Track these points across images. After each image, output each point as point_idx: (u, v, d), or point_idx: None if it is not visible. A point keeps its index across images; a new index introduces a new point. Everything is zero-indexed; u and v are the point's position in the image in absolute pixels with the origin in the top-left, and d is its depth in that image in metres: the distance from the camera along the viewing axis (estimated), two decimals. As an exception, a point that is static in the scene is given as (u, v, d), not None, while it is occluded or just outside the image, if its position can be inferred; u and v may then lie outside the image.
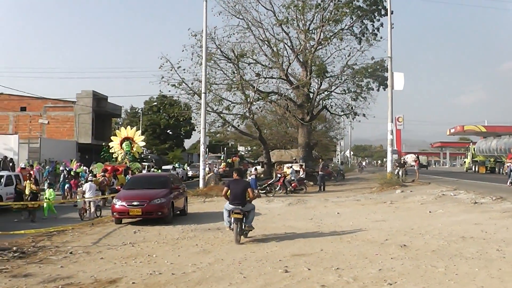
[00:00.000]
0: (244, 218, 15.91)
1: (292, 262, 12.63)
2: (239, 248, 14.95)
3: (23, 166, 31.69)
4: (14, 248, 15.33)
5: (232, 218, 15.85)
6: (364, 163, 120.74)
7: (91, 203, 23.84)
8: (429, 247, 13.89)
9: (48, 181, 31.60)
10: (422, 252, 13.24)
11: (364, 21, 46.12)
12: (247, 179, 33.27)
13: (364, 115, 49.32)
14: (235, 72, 45.34)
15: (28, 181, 23.68)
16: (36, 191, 23.44)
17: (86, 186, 24.24)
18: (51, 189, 24.61)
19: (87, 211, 23.63)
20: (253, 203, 16.66)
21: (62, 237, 17.92)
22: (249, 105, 45.75)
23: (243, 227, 15.94)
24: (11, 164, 31.53)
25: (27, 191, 23.31)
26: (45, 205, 23.58)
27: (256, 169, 39.58)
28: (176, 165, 51.60)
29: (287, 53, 47.09)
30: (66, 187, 31.12)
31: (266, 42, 45.57)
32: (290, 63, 47.14)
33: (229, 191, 16.23)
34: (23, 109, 64.80)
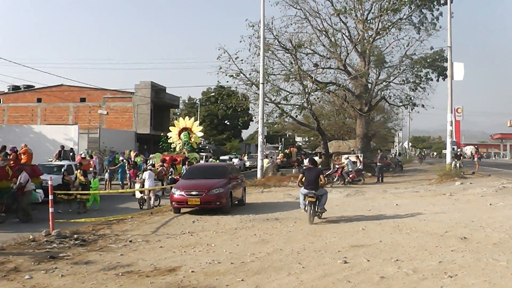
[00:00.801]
0: (317, 201, 17.82)
1: (351, 253, 12.52)
2: (297, 239, 14.88)
3: (83, 155, 32.18)
4: (75, 236, 15.57)
5: (307, 201, 17.71)
6: (423, 154, 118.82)
7: (150, 193, 24.02)
8: (490, 240, 13.55)
9: (109, 171, 32.19)
10: (483, 245, 12.93)
11: (423, 10, 45.15)
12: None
13: (423, 105, 48.51)
14: (293, 62, 45.12)
15: (78, 171, 23.66)
16: (85, 182, 23.31)
17: (145, 175, 24.42)
18: (96, 179, 24.70)
19: (146, 201, 23.82)
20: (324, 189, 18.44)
21: (121, 225, 18.12)
22: (307, 95, 45.51)
23: (316, 209, 17.83)
24: (71, 154, 32.03)
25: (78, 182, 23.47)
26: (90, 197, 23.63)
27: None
28: (232, 155, 51.60)
29: (345, 43, 46.60)
30: (126, 176, 31.52)
31: (323, 32, 45.17)
32: (348, 54, 46.62)
33: (303, 177, 18.41)
34: (83, 100, 66.00)
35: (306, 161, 35.55)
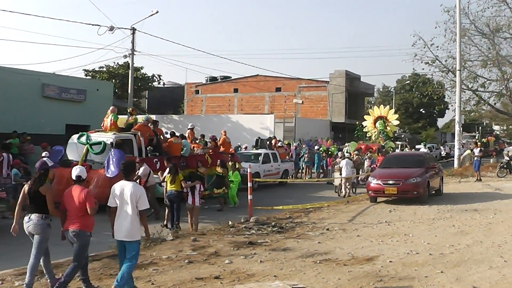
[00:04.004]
0: None
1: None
2: (498, 231, 14.21)
3: (280, 144, 32.75)
4: (273, 223, 15.80)
5: None
6: None
7: (347, 181, 23.92)
8: None
9: (306, 159, 32.60)
10: None
11: None
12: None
13: None
14: (491, 48, 42.88)
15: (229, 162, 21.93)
16: (222, 174, 20.51)
17: (342, 163, 24.33)
18: (236, 172, 21.38)
19: (343, 189, 23.77)
20: None
21: (318, 213, 18.16)
22: (505, 82, 43.24)
23: None
24: (268, 142, 32.72)
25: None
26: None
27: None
28: (422, 144, 49.81)
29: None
30: (322, 165, 31.70)
31: (523, 15, 42.13)
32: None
33: None
34: (278, 89, 67.30)
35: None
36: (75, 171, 9.13)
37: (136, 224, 8.61)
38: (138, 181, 16.08)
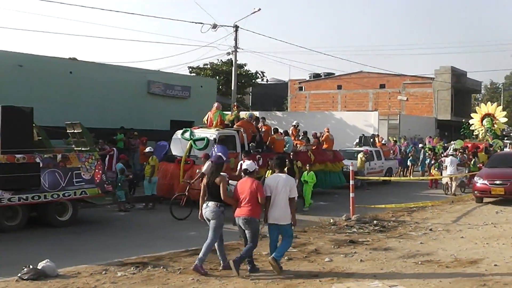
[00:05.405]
0: None
1: None
2: None
3: (383, 142, 32.34)
4: (375, 221, 15.68)
5: None
6: None
7: (453, 180, 23.40)
8: None
9: (411, 158, 32.15)
10: None
11: None
12: None
13: None
14: None
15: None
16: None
17: (447, 161, 23.80)
18: (311, 172, 19.57)
19: (449, 188, 23.31)
20: None
21: (421, 213, 17.87)
22: None
23: None
24: (371, 140, 32.36)
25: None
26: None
27: None
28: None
29: None
30: (426, 163, 31.12)
31: None
32: None
33: None
34: (382, 86, 66.53)
35: None
36: (244, 165, 10.53)
37: (288, 210, 9.90)
38: (201, 178, 15.71)
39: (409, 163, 32.63)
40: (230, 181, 10.79)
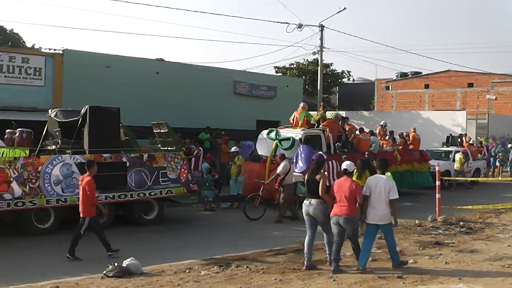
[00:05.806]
0: None
1: None
2: None
3: (471, 142, 31.71)
4: (461, 223, 15.47)
5: None
6: None
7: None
8: None
9: (500, 158, 31.37)
10: None
11: None
12: None
13: None
14: None
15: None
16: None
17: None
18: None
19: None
20: None
21: (510, 215, 17.54)
22: None
23: None
24: (459, 140, 31.76)
25: None
26: None
27: None
28: None
29: None
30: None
31: None
32: None
33: None
34: (470, 85, 64.94)
35: None
36: (343, 165, 10.65)
37: (388, 210, 10.22)
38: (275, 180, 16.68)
39: (497, 163, 31.83)
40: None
